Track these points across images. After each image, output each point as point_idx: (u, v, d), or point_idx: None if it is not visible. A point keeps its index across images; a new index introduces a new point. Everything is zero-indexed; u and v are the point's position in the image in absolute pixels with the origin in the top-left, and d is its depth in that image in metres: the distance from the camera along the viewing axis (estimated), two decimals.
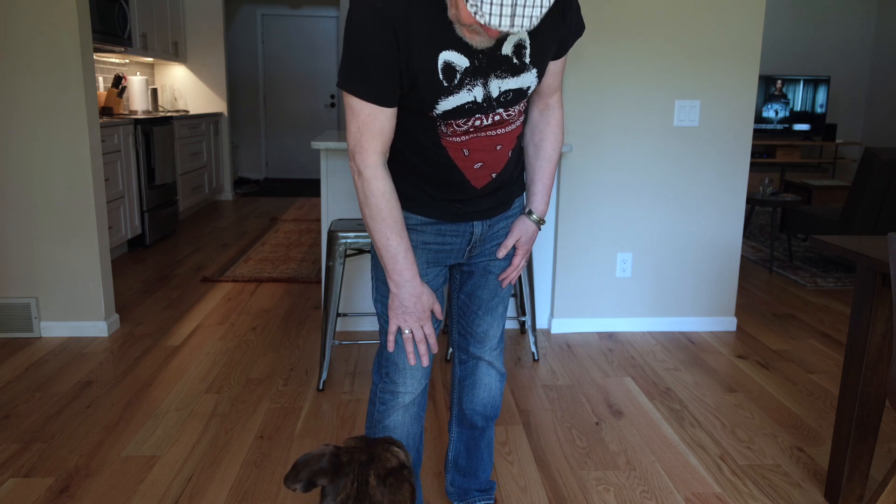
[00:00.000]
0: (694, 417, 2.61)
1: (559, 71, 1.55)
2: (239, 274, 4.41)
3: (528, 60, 1.37)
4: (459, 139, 1.42)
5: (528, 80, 1.40)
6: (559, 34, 1.43)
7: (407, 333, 1.52)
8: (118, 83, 5.54)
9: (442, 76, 1.32)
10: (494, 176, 1.51)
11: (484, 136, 1.43)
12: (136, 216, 4.97)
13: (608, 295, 3.50)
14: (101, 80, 5.72)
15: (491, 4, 1.09)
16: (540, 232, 3.16)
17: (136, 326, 3.46)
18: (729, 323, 3.56)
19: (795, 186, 6.33)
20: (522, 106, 1.46)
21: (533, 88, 1.43)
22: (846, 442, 1.97)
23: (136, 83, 5.87)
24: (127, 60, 6.23)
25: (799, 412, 2.67)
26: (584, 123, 3.31)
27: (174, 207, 5.70)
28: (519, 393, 2.79)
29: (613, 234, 3.43)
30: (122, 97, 5.58)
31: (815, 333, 3.54)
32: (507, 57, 1.35)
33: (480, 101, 1.36)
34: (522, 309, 3.39)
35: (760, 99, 7.31)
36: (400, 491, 1.17)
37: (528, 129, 1.63)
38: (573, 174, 3.36)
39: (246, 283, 4.26)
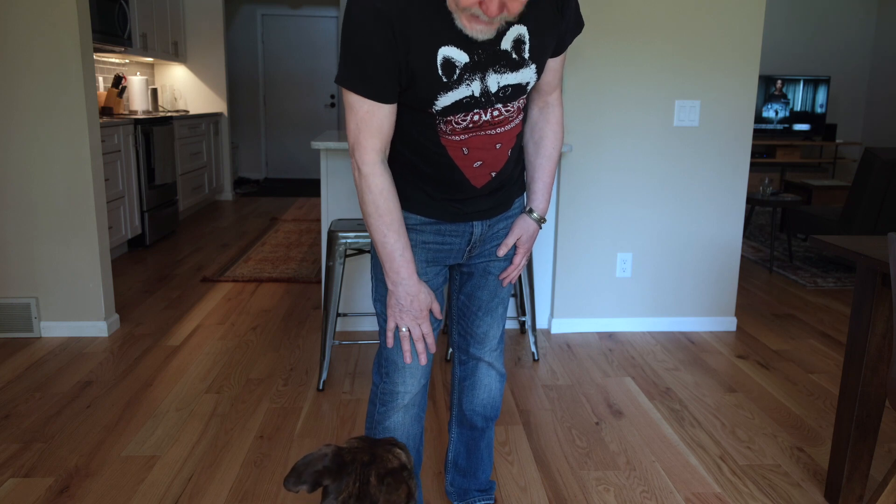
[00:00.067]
0: (694, 417, 2.61)
1: (558, 68, 1.55)
2: (239, 274, 4.41)
3: (527, 56, 1.37)
4: (459, 138, 1.42)
5: (527, 75, 1.40)
6: (558, 30, 1.43)
7: (404, 331, 1.52)
8: (118, 83, 5.54)
9: (441, 72, 1.32)
10: (494, 175, 1.50)
11: (483, 134, 1.43)
12: (136, 216, 4.97)
13: (608, 295, 3.50)
14: (101, 80, 5.72)
15: None
16: (540, 231, 3.16)
17: (136, 326, 3.46)
18: (729, 323, 3.56)
19: (795, 186, 6.33)
20: (521, 103, 1.45)
21: (532, 84, 1.43)
22: (846, 442, 1.97)
23: (136, 83, 5.88)
24: (127, 60, 6.23)
25: (799, 412, 2.67)
26: (584, 123, 3.31)
27: (174, 207, 5.70)
28: (519, 393, 2.79)
29: (613, 234, 3.43)
30: (122, 97, 5.58)
31: (815, 333, 3.54)
32: (506, 52, 1.35)
33: (478, 95, 1.36)
34: (522, 309, 3.39)
35: (760, 99, 7.31)
36: (396, 491, 1.17)
37: (527, 127, 1.62)
38: (573, 174, 3.36)
39: (246, 283, 4.26)
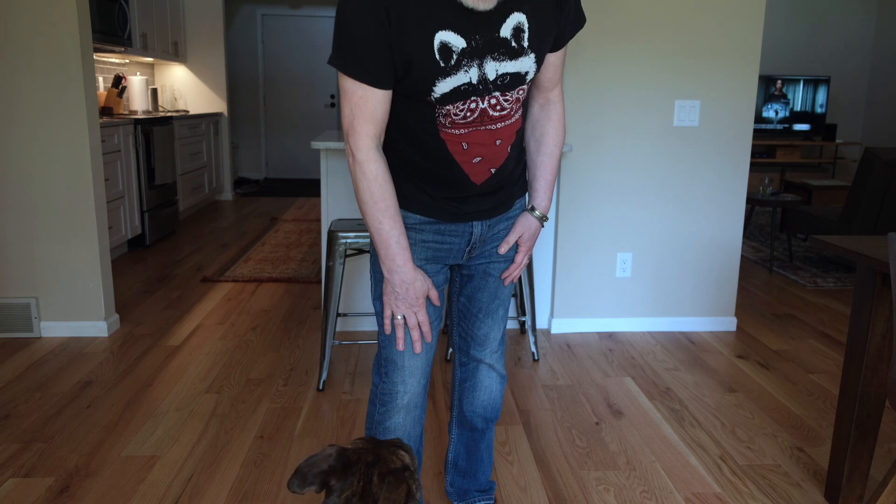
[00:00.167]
0: (694, 417, 2.61)
1: (559, 64, 1.54)
2: (239, 274, 4.41)
3: (526, 44, 1.37)
4: (458, 132, 1.41)
5: (526, 64, 1.39)
6: (557, 23, 1.42)
7: (399, 319, 1.52)
8: (118, 83, 5.54)
9: (438, 56, 1.31)
10: (494, 171, 1.50)
11: (483, 129, 1.42)
12: (136, 216, 4.97)
13: (608, 295, 3.50)
14: (101, 80, 5.72)
15: None
16: (540, 231, 3.16)
17: (136, 326, 3.46)
18: (729, 323, 3.56)
19: (795, 186, 6.33)
20: (520, 94, 1.44)
21: (532, 75, 1.42)
22: (846, 442, 1.97)
23: (136, 83, 5.88)
24: (127, 60, 6.23)
25: (799, 412, 2.67)
26: (584, 123, 3.31)
27: (174, 207, 5.70)
28: (519, 393, 2.79)
29: (613, 234, 3.43)
30: (122, 97, 5.58)
31: (815, 333, 3.54)
32: (505, 39, 1.34)
33: (476, 82, 1.35)
34: (522, 309, 3.39)
35: (760, 99, 7.31)
36: (396, 490, 1.17)
37: (528, 124, 1.62)
38: (573, 174, 3.36)
39: (246, 283, 4.26)
